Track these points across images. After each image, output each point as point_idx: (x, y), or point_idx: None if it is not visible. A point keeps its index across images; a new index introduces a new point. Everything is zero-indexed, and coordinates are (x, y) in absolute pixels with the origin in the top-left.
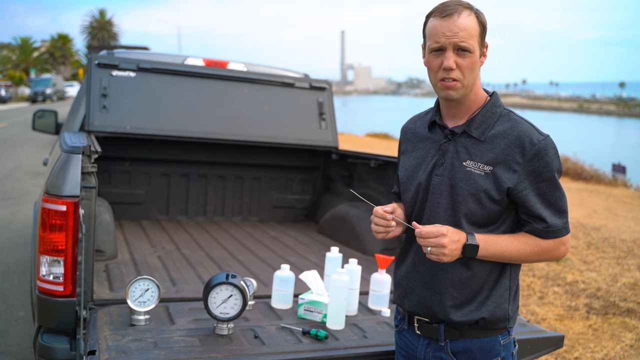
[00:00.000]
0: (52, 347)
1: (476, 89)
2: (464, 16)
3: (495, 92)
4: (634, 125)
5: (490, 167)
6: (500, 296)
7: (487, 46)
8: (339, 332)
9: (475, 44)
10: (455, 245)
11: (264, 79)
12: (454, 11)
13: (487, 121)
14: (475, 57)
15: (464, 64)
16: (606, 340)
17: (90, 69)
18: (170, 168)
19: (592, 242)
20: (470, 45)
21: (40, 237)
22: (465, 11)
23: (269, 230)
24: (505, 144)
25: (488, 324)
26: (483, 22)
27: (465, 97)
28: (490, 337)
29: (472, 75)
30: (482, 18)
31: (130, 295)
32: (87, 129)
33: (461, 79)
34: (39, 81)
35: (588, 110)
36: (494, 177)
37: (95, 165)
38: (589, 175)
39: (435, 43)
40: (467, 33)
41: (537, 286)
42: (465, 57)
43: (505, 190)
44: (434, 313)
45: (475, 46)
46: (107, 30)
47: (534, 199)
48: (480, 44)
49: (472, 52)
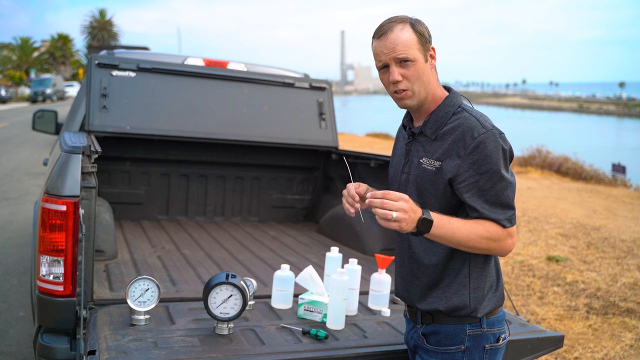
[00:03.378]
0: (52, 347)
1: (433, 90)
2: (397, 30)
3: (452, 90)
4: (634, 126)
5: (439, 162)
6: (458, 284)
7: (434, 49)
8: (339, 332)
9: (415, 52)
10: (414, 214)
11: (264, 79)
12: (387, 29)
13: (440, 120)
14: (419, 65)
15: (409, 73)
16: (606, 340)
17: (90, 69)
18: (170, 168)
19: (592, 242)
20: (409, 55)
21: (40, 237)
22: (398, 25)
23: (269, 230)
24: (452, 140)
25: (450, 312)
26: (420, 30)
27: (422, 101)
28: (456, 325)
29: (421, 81)
30: (419, 27)
31: (130, 295)
32: (87, 129)
33: (410, 88)
34: (39, 81)
35: (588, 110)
36: (442, 171)
37: (95, 165)
38: (589, 175)
39: (379, 62)
40: (403, 45)
41: (537, 286)
42: (409, 67)
43: (447, 182)
44: (408, 300)
45: (416, 54)
46: (107, 30)
47: (471, 191)
48: (422, 51)
49: (415, 61)
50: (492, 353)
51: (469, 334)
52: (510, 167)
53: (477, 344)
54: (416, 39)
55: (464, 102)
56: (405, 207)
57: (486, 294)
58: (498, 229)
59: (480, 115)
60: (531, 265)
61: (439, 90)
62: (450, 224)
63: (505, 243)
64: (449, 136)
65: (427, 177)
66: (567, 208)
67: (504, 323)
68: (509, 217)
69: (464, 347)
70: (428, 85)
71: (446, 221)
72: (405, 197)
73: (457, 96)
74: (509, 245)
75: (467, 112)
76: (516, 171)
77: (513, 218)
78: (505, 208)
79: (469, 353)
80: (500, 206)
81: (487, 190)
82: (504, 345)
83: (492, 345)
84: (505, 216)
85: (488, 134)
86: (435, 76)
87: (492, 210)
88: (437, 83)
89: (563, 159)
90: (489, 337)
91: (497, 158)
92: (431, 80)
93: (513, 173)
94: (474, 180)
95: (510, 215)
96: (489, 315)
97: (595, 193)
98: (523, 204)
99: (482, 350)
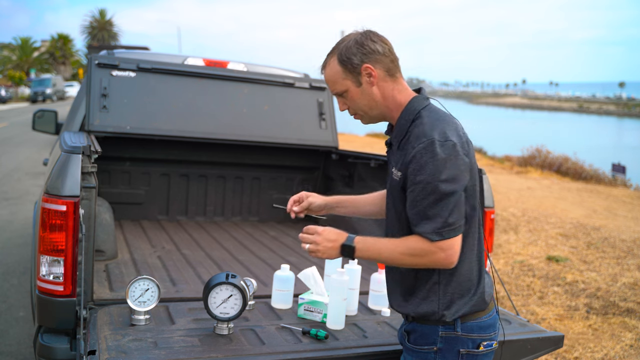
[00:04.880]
0: (52, 347)
1: (387, 103)
2: (327, 67)
3: (416, 95)
4: (634, 125)
5: (400, 173)
6: (428, 290)
7: (371, 67)
8: (339, 332)
9: (343, 83)
10: (330, 244)
11: (264, 79)
12: (322, 67)
13: (401, 130)
14: (352, 92)
15: (348, 101)
16: (606, 340)
17: (90, 69)
18: (170, 168)
19: (592, 242)
20: (338, 89)
21: (40, 237)
22: (329, 61)
23: (269, 230)
24: (408, 149)
25: (419, 318)
26: (346, 58)
27: (378, 117)
28: (430, 326)
29: (363, 104)
30: (346, 54)
31: (130, 295)
32: (87, 129)
33: (358, 111)
34: (39, 81)
35: (588, 110)
36: (401, 181)
37: (95, 165)
38: (589, 175)
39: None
40: (331, 83)
41: (537, 286)
42: (346, 97)
43: (401, 190)
44: (391, 303)
45: (344, 85)
46: (107, 30)
47: (408, 201)
48: (350, 78)
49: (347, 90)
50: (469, 359)
51: (442, 336)
52: (483, 171)
53: (450, 346)
54: (341, 71)
55: (429, 105)
56: (317, 239)
57: (457, 299)
58: (423, 244)
59: (434, 120)
60: (531, 265)
61: (401, 97)
62: (376, 246)
63: (434, 257)
64: (407, 145)
65: (395, 187)
66: (567, 208)
67: (490, 330)
68: (437, 230)
69: (436, 348)
70: (375, 103)
71: (371, 244)
72: (319, 231)
73: (417, 101)
74: (441, 260)
75: (422, 118)
76: (516, 171)
77: (445, 231)
78: (434, 220)
79: (441, 355)
80: (427, 218)
81: (419, 201)
82: (488, 353)
83: (469, 351)
84: (432, 228)
85: (426, 143)
86: (389, 87)
87: (419, 224)
88: (393, 92)
89: (563, 159)
90: (465, 342)
91: (432, 169)
92: (378, 96)
93: (461, 181)
94: (410, 191)
95: (440, 228)
96: (466, 319)
97: (595, 193)
98: (523, 204)
99: (456, 354)
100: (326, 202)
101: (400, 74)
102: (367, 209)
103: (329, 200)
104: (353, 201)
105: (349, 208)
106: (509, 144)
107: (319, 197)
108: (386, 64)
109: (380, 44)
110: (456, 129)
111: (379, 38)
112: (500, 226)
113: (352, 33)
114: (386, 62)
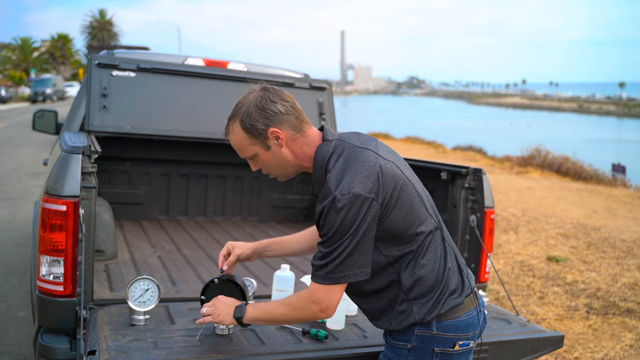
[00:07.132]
0: (52, 347)
1: (299, 161)
2: (232, 135)
3: (317, 149)
4: (633, 126)
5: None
6: (399, 311)
7: (274, 131)
8: (339, 332)
9: (251, 149)
10: (224, 312)
11: (264, 79)
12: (225, 133)
13: (318, 184)
14: (262, 156)
15: (261, 165)
16: (606, 340)
17: (90, 69)
18: (170, 168)
19: (592, 242)
20: (247, 155)
21: (40, 237)
22: (232, 127)
23: (269, 230)
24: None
25: (403, 329)
26: (249, 124)
27: (293, 173)
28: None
29: (275, 165)
30: (248, 121)
31: (130, 295)
32: (87, 129)
33: (271, 171)
34: (39, 81)
35: (588, 110)
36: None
37: (95, 165)
38: (589, 175)
39: None
40: (238, 149)
41: (537, 286)
42: (257, 160)
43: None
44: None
45: (252, 150)
46: (107, 30)
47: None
48: (258, 143)
49: (256, 154)
50: (444, 358)
51: (417, 334)
52: (483, 171)
53: (424, 345)
54: (246, 137)
55: (335, 149)
56: (210, 310)
57: (427, 302)
58: (298, 299)
59: (339, 172)
60: (531, 265)
61: (310, 150)
62: (266, 311)
63: (310, 311)
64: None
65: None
66: (567, 208)
67: (468, 329)
68: (316, 275)
69: (410, 345)
70: (287, 162)
71: (260, 311)
72: (217, 302)
73: (321, 150)
74: (314, 312)
75: (330, 173)
76: (516, 171)
77: (328, 277)
78: (319, 267)
79: (414, 352)
80: (316, 264)
81: (322, 256)
82: (464, 352)
83: (444, 350)
84: (315, 276)
85: (328, 201)
86: (298, 145)
87: (314, 274)
88: (303, 148)
89: (563, 159)
90: (440, 341)
91: (333, 225)
92: (289, 156)
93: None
94: (319, 243)
95: (318, 277)
96: (441, 318)
97: (595, 193)
98: (523, 204)
99: (430, 352)
100: (253, 249)
101: (306, 123)
102: (295, 247)
103: (256, 246)
104: (280, 243)
105: (276, 250)
106: (509, 144)
107: (245, 246)
108: (291, 123)
109: (281, 104)
110: (364, 168)
111: (279, 97)
112: (500, 226)
113: (251, 94)
114: (291, 121)
